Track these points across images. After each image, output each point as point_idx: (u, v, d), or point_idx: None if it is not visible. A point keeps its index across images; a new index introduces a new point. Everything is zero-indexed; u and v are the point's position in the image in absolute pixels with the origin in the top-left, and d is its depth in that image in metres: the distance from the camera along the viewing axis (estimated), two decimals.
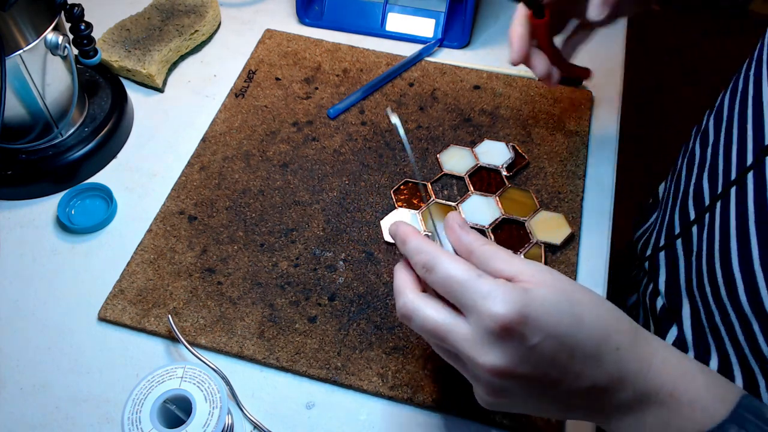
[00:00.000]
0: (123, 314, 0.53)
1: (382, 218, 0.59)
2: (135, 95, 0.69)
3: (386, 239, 0.58)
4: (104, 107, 0.64)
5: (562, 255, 0.58)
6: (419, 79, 0.71)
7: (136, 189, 0.62)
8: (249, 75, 0.70)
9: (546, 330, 0.36)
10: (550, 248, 0.58)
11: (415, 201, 0.61)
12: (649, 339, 0.39)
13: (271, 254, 0.57)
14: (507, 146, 0.65)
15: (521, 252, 0.57)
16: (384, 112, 0.54)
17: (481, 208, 0.60)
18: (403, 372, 0.51)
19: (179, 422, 0.42)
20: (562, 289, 0.37)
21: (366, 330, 0.53)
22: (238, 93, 0.69)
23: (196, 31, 0.72)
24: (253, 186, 0.61)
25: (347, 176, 0.62)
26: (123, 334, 0.53)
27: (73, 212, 0.60)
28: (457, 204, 0.60)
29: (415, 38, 0.75)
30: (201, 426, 0.42)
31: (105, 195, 0.61)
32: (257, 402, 0.50)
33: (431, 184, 0.62)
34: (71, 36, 0.59)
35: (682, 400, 0.37)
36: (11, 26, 0.54)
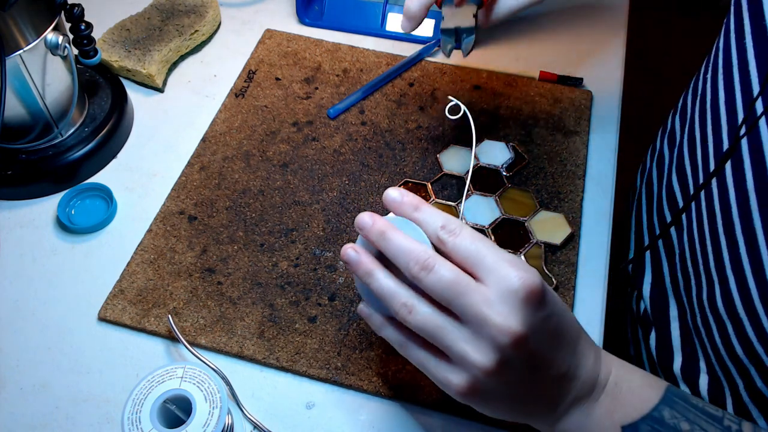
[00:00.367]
0: (123, 314, 0.53)
1: None
2: (135, 95, 0.69)
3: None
4: (104, 107, 0.64)
5: (562, 255, 0.58)
6: (419, 79, 0.71)
7: (136, 189, 0.62)
8: (249, 75, 0.70)
9: (555, 306, 0.38)
10: (550, 248, 0.58)
11: None
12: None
13: (271, 254, 0.57)
14: (507, 146, 0.65)
15: (521, 252, 0.57)
16: (447, 102, 0.54)
17: (481, 208, 0.60)
18: (403, 372, 0.51)
19: (179, 422, 0.42)
20: None
21: (366, 330, 0.53)
22: (238, 93, 0.69)
23: (196, 31, 0.72)
24: (253, 186, 0.61)
25: (347, 176, 0.62)
26: (123, 334, 0.53)
27: (73, 212, 0.60)
28: (457, 204, 0.60)
29: (415, 38, 0.75)
30: (201, 426, 0.42)
31: (105, 195, 0.61)
32: (257, 402, 0.50)
33: (431, 184, 0.62)
34: (71, 36, 0.59)
35: (623, 388, 0.40)
36: (11, 26, 0.54)
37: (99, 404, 0.50)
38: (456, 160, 0.63)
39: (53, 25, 0.56)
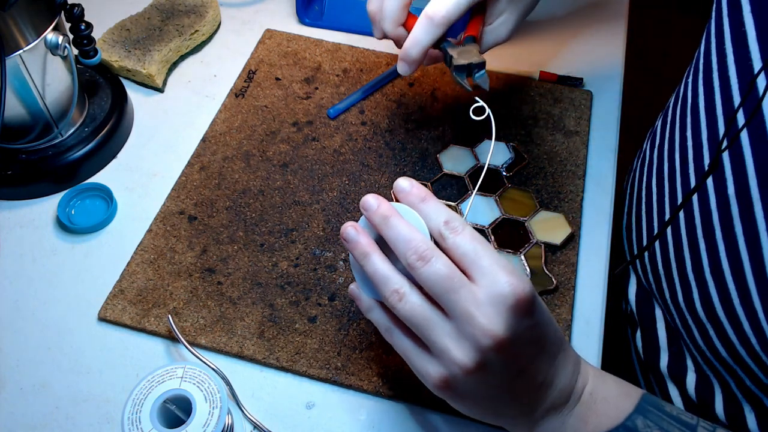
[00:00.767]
0: (123, 314, 0.53)
1: None
2: (135, 95, 0.69)
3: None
4: (104, 107, 0.64)
5: (562, 255, 0.58)
6: (419, 79, 0.71)
7: (136, 189, 0.62)
8: (249, 75, 0.70)
9: (542, 316, 0.39)
10: (550, 248, 0.58)
11: None
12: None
13: (271, 254, 0.57)
14: (507, 146, 0.65)
15: (521, 252, 0.57)
16: (473, 102, 0.54)
17: (481, 208, 0.60)
18: (403, 372, 0.51)
19: (179, 422, 0.42)
20: None
21: (366, 330, 0.53)
22: (238, 93, 0.69)
23: (196, 31, 0.72)
24: (253, 186, 0.61)
25: (347, 176, 0.62)
26: (123, 334, 0.53)
27: (73, 212, 0.60)
28: (457, 204, 0.60)
29: None
30: (201, 426, 0.42)
31: (105, 195, 0.61)
32: (257, 402, 0.50)
33: (431, 184, 0.62)
34: (71, 36, 0.59)
35: (597, 398, 0.41)
36: (11, 26, 0.54)
37: (99, 404, 0.50)
38: (456, 160, 0.63)
39: (53, 25, 0.56)
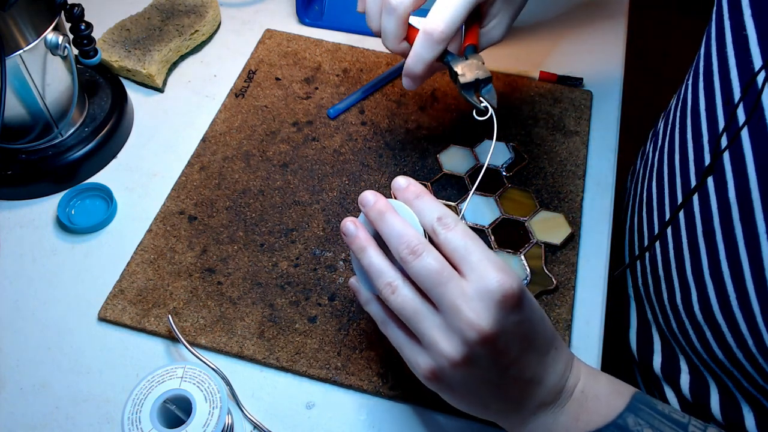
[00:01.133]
0: (123, 314, 0.53)
1: None
2: (135, 95, 0.69)
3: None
4: (104, 107, 0.64)
5: (562, 255, 0.58)
6: None
7: (136, 189, 0.62)
8: (249, 75, 0.70)
9: (531, 313, 0.39)
10: (550, 248, 0.58)
11: None
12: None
13: (271, 254, 0.57)
14: (507, 146, 0.65)
15: (521, 252, 0.57)
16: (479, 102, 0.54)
17: (481, 208, 0.60)
18: (404, 372, 0.51)
19: (179, 422, 0.42)
20: None
21: (366, 330, 0.53)
22: (238, 93, 0.69)
23: (196, 31, 0.72)
24: (253, 186, 0.61)
25: (347, 176, 0.62)
26: (123, 334, 0.53)
27: (73, 212, 0.60)
28: (457, 204, 0.60)
29: None
30: (201, 426, 0.42)
31: (105, 195, 0.61)
32: (257, 402, 0.50)
33: (431, 184, 0.62)
34: (71, 36, 0.59)
35: (589, 395, 0.41)
36: (11, 26, 0.54)
37: (99, 404, 0.50)
38: (456, 160, 0.63)
39: (53, 25, 0.56)
